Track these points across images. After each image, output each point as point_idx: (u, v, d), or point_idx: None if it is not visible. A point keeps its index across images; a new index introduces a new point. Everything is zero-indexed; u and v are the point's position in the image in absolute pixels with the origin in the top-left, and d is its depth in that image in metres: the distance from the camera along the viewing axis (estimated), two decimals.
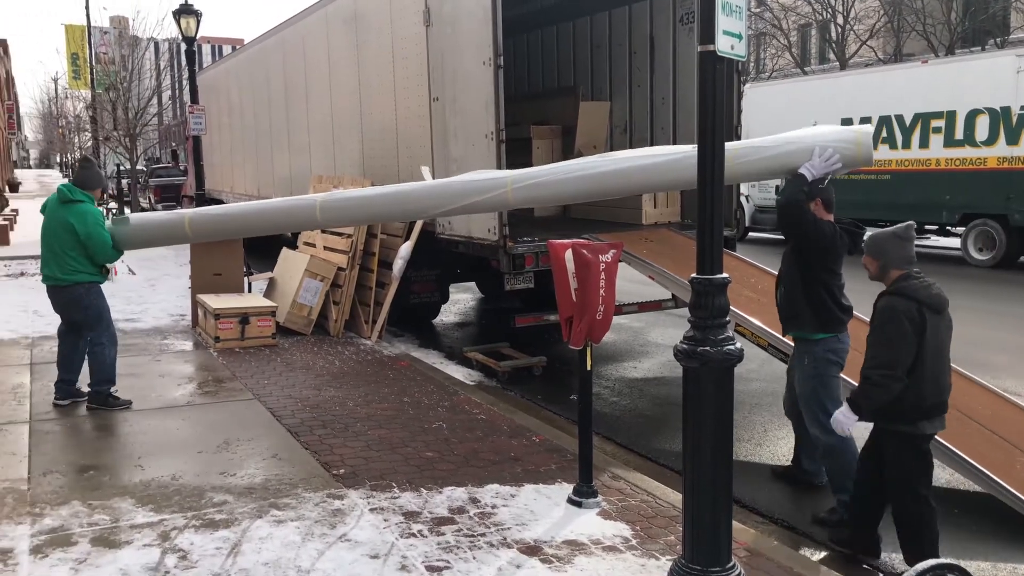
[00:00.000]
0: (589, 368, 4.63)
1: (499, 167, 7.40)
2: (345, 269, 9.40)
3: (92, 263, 6.34)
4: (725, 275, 3.48)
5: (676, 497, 4.71)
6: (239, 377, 7.47)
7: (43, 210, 6.53)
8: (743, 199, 19.73)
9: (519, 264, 7.75)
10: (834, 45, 32.51)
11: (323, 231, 10.20)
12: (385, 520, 4.42)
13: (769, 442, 6.28)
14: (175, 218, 6.60)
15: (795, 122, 18.25)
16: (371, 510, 4.54)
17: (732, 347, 3.46)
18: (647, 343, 9.67)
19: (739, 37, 3.43)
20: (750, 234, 20.58)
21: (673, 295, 8.04)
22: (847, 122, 17.92)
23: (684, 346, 3.48)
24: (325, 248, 9.95)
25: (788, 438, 6.33)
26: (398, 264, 8.88)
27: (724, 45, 3.33)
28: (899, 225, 4.25)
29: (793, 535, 4.76)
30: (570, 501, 4.66)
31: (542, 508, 4.62)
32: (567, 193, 5.58)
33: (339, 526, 4.35)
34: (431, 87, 8.69)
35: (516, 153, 8.13)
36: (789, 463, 5.65)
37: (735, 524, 3.91)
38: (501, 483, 4.97)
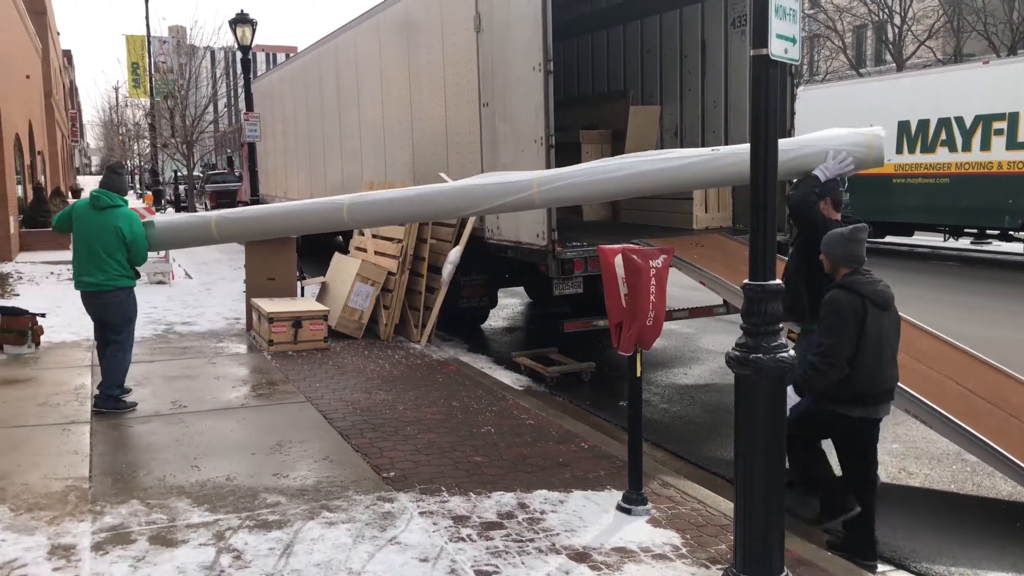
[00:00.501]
0: (639, 374, 4.60)
1: None
2: (395, 274, 9.49)
3: (131, 267, 6.48)
4: (778, 281, 3.43)
5: (727, 505, 4.66)
6: (292, 380, 7.59)
7: (64, 220, 6.55)
8: None
9: (568, 269, 7.74)
10: (891, 46, 31.87)
11: (374, 235, 10.32)
12: (434, 524, 4.45)
13: None
14: (201, 220, 6.68)
15: (850, 125, 17.96)
16: (420, 513, 4.57)
17: (785, 354, 3.41)
18: (698, 349, 9.58)
19: (793, 40, 3.39)
20: None
21: (724, 301, 7.95)
22: (904, 125, 17.56)
23: (736, 353, 3.44)
24: (376, 253, 10.06)
25: None
26: (447, 269, 8.94)
27: (777, 49, 3.30)
28: (850, 227, 4.55)
29: None
30: (619, 508, 4.63)
31: (591, 514, 4.60)
32: (592, 193, 5.73)
33: (389, 529, 4.38)
34: (481, 92, 8.74)
35: (565, 158, 8.11)
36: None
37: (787, 534, 3.85)
38: (550, 489, 4.96)
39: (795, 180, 5.37)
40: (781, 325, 5.07)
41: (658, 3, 10.16)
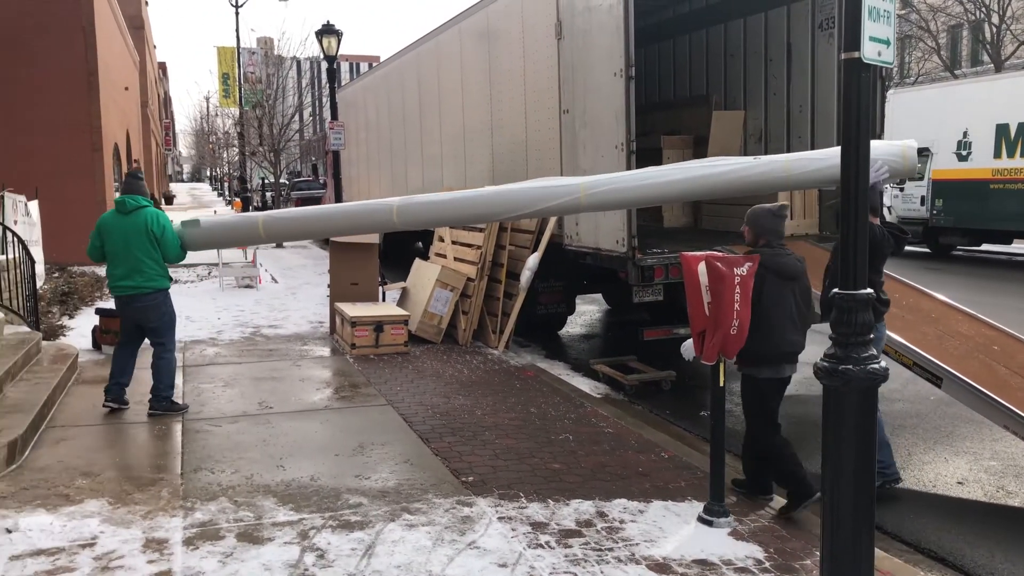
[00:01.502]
0: (722, 384, 4.53)
1: None
2: (474, 280, 9.57)
3: (165, 268, 6.59)
4: (869, 290, 3.33)
5: (813, 520, 4.53)
6: (373, 383, 7.72)
7: (97, 250, 6.61)
8: (886, 211, 18.79)
9: (648, 276, 7.66)
10: (988, 46, 30.58)
11: (454, 242, 10.43)
12: (513, 530, 4.45)
13: (913, 466, 5.94)
14: (249, 220, 6.78)
15: (944, 128, 17.34)
16: (499, 519, 4.59)
17: (876, 365, 3.30)
18: None
19: (887, 43, 3.28)
20: None
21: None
22: (1003, 128, 16.84)
23: (825, 364, 3.35)
24: (456, 259, 10.16)
25: (934, 462, 6.00)
26: (525, 275, 8.96)
27: (870, 52, 3.20)
28: (777, 204, 5.08)
29: (942, 567, 4.49)
30: (700, 519, 4.56)
31: (671, 525, 4.54)
32: (638, 198, 5.99)
33: (468, 533, 4.41)
34: (561, 99, 8.75)
35: (646, 163, 8.01)
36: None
37: (877, 551, 3.72)
38: (629, 498, 4.91)
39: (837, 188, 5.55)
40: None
41: (742, 7, 9.99)
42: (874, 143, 5.51)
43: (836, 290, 3.38)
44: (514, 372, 8.23)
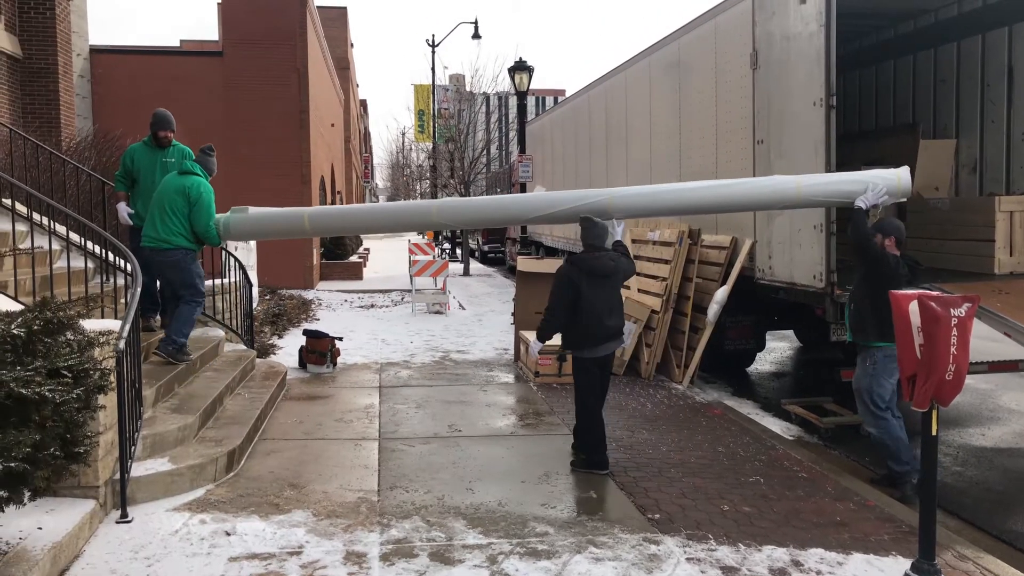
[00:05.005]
0: (934, 433, 4.20)
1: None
2: (658, 312, 9.45)
3: (190, 232, 6.77)
4: None
5: None
6: (556, 412, 7.78)
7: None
8: None
9: None
10: None
11: (638, 274, 10.37)
12: (702, 572, 4.33)
13: None
14: (295, 213, 7.17)
15: None
16: (687, 559, 4.48)
17: None
18: (997, 408, 8.58)
19: None
20: None
21: None
22: None
23: None
24: (639, 291, 10.09)
25: None
26: (713, 309, 8.76)
27: None
28: (594, 220, 6.07)
29: None
30: None
31: None
32: (658, 206, 6.65)
33: (656, 572, 4.33)
34: (755, 129, 8.53)
35: None
36: (885, 472, 6.11)
37: None
38: (826, 548, 4.65)
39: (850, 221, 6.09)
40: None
41: (956, 30, 9.37)
42: (874, 170, 6.44)
43: None
44: (700, 408, 8.04)
